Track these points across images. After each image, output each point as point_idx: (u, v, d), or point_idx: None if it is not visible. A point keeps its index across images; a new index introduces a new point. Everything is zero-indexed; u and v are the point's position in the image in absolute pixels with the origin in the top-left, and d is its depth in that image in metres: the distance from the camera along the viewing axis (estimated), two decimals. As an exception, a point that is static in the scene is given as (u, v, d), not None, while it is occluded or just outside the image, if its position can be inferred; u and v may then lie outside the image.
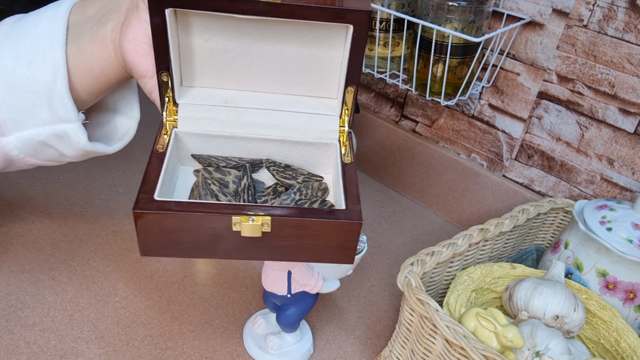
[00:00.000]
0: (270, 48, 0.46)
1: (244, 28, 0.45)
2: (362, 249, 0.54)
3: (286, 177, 0.49)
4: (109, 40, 0.48)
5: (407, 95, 0.90)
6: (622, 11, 0.65)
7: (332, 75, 0.48)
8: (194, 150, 0.50)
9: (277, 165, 0.50)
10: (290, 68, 0.48)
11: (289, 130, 0.49)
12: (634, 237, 0.59)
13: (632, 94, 0.67)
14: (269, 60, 0.47)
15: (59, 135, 0.50)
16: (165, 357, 0.57)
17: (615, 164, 0.71)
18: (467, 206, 0.86)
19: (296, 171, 0.50)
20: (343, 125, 0.49)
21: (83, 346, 0.56)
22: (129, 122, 0.58)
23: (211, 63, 0.47)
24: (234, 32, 0.45)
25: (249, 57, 0.47)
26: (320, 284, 0.54)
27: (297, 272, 0.53)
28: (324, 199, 0.48)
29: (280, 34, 0.45)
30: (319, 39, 0.45)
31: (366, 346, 0.62)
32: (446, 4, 0.67)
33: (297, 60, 0.47)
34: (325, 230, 0.40)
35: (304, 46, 0.46)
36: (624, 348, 0.56)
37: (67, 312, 0.59)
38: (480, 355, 0.45)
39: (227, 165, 0.49)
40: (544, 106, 0.75)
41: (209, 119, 0.48)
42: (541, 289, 0.56)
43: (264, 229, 0.39)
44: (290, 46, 0.46)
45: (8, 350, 0.54)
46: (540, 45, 0.73)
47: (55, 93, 0.47)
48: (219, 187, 0.47)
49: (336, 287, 0.55)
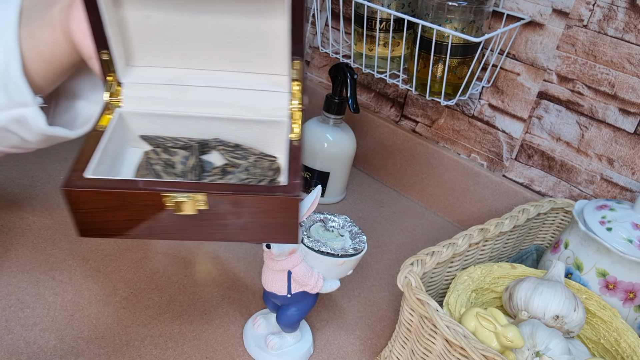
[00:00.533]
0: (213, 23, 0.44)
1: (182, 2, 0.43)
2: (362, 248, 0.54)
3: (236, 157, 0.47)
4: (57, 22, 0.47)
5: (407, 95, 0.90)
6: (622, 11, 0.65)
7: (280, 50, 0.45)
8: (142, 131, 0.48)
9: (226, 145, 0.48)
10: (237, 44, 0.46)
11: (237, 108, 0.47)
12: (634, 237, 0.59)
13: (632, 94, 0.67)
14: (214, 37, 0.45)
15: (17, 120, 0.49)
16: (165, 357, 0.57)
17: (615, 164, 0.71)
18: (467, 206, 0.86)
19: (247, 151, 0.48)
20: (294, 101, 0.47)
21: (83, 346, 0.56)
22: (93, 106, 0.57)
23: (155, 41, 0.46)
24: (174, 7, 0.44)
25: (193, 33, 0.45)
26: (320, 284, 0.54)
27: (297, 272, 0.53)
28: (275, 178, 0.46)
29: (221, 7, 0.43)
30: (261, 10, 0.44)
31: (366, 346, 0.62)
32: (446, 4, 0.67)
33: (243, 35, 0.45)
34: (263, 207, 0.38)
35: (247, 19, 0.44)
36: (624, 348, 0.56)
37: (67, 312, 0.60)
38: (480, 355, 0.45)
39: (175, 145, 0.48)
40: (544, 106, 0.75)
41: (153, 97, 0.46)
42: (541, 289, 0.56)
43: (199, 207, 0.37)
44: (233, 20, 0.44)
45: (8, 350, 0.54)
46: (540, 45, 0.73)
47: (10, 77, 0.47)
48: (163, 166, 0.45)
49: (336, 287, 0.55)
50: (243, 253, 0.73)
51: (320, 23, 0.97)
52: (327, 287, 0.54)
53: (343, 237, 0.56)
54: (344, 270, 0.54)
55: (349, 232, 0.56)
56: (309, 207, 0.51)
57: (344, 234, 0.56)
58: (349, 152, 0.85)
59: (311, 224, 0.56)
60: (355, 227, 0.56)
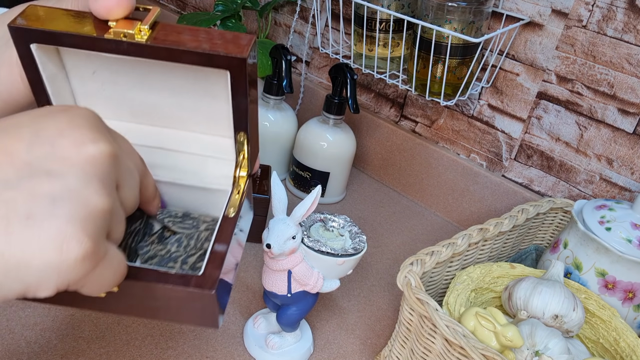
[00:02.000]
0: (161, 84, 0.42)
1: (128, 63, 0.40)
2: (362, 248, 0.54)
3: (186, 227, 0.43)
4: (14, 64, 0.44)
5: (407, 96, 0.90)
6: (621, 11, 0.66)
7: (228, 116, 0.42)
8: None
9: (174, 216, 0.44)
10: (186, 105, 0.43)
11: (180, 173, 0.44)
12: (633, 236, 0.59)
13: (631, 94, 0.67)
14: (163, 96, 0.43)
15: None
16: (166, 356, 0.57)
17: (614, 164, 0.71)
18: (467, 206, 0.86)
19: (197, 219, 0.44)
20: (240, 171, 0.43)
21: (84, 345, 0.56)
22: None
23: (104, 94, 0.43)
24: (119, 66, 0.41)
25: (141, 90, 0.42)
26: (320, 284, 0.54)
27: (298, 271, 0.53)
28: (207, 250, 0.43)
29: (168, 71, 0.41)
30: (205, 78, 0.41)
31: (366, 345, 0.63)
32: (446, 5, 0.67)
33: (192, 97, 0.43)
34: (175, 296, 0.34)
35: (196, 82, 0.42)
36: (623, 347, 0.56)
37: (68, 311, 0.60)
38: (480, 354, 0.45)
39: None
40: (543, 106, 0.75)
41: None
42: (540, 289, 0.56)
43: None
44: (181, 82, 0.42)
45: (9, 350, 0.54)
46: (540, 45, 0.73)
47: None
48: None
49: (336, 286, 0.55)
50: (243, 253, 0.73)
51: (320, 24, 0.97)
52: (327, 286, 0.55)
53: (343, 237, 0.56)
54: (344, 269, 0.54)
55: (348, 231, 0.56)
56: (308, 207, 0.51)
57: (343, 234, 0.56)
58: (349, 152, 0.85)
59: (311, 223, 0.56)
60: (355, 226, 0.57)
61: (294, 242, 0.52)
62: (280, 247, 0.51)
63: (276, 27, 1.08)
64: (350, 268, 0.55)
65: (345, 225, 0.57)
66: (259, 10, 1.01)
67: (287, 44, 1.05)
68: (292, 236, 0.51)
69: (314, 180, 0.85)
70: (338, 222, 0.57)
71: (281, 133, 0.86)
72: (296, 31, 1.03)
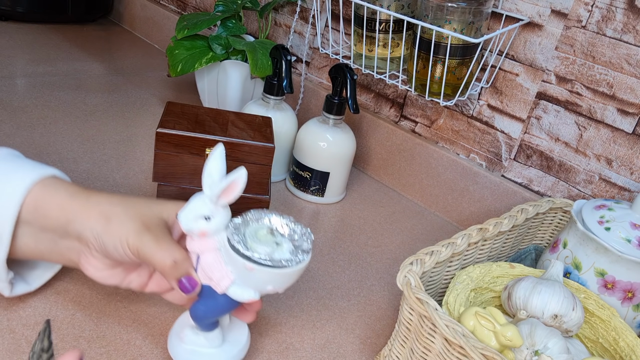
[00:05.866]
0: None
1: None
2: (286, 265, 0.46)
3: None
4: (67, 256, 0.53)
5: (407, 96, 0.91)
6: (620, 12, 0.66)
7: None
8: None
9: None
10: None
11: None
12: (632, 236, 0.59)
13: (630, 94, 0.67)
14: None
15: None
16: (166, 356, 0.57)
17: (613, 164, 0.71)
18: (466, 206, 0.86)
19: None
20: None
21: (85, 345, 0.56)
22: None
23: None
24: None
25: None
26: (225, 284, 0.47)
27: (205, 260, 0.48)
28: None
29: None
30: None
31: (366, 345, 0.63)
32: (445, 5, 0.68)
33: None
34: None
35: None
36: (623, 347, 0.56)
37: (68, 311, 0.60)
38: (479, 354, 0.45)
39: None
40: (542, 106, 0.75)
41: None
42: (540, 289, 0.56)
43: None
44: None
45: (10, 350, 0.55)
46: (539, 46, 0.73)
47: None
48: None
49: (249, 298, 0.48)
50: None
51: (320, 24, 0.97)
52: (236, 292, 0.48)
53: (279, 246, 0.48)
54: (258, 281, 0.47)
55: (295, 246, 0.48)
56: (224, 187, 0.45)
57: (282, 244, 0.48)
58: (349, 152, 0.85)
59: (257, 220, 0.49)
60: (307, 243, 0.49)
61: (207, 225, 0.46)
62: (188, 223, 0.46)
63: (276, 27, 1.08)
64: (269, 283, 0.47)
65: (294, 238, 0.49)
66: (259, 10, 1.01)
67: (287, 44, 1.06)
68: (204, 216, 0.46)
69: (314, 180, 0.85)
70: (290, 231, 0.50)
71: (281, 133, 0.86)
72: (296, 31, 1.04)
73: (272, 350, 0.59)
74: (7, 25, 1.33)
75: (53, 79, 1.10)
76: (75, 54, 1.26)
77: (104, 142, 0.91)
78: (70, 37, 1.35)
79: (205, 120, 0.72)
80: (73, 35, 1.37)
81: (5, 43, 1.23)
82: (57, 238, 0.52)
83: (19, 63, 1.15)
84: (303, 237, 0.49)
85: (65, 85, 1.08)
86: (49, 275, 0.60)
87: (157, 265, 0.48)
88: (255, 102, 0.88)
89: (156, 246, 0.48)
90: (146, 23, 1.42)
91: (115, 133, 0.94)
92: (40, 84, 1.07)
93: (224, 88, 0.99)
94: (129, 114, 1.03)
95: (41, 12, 1.35)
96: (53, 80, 1.10)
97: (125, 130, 0.96)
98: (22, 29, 1.33)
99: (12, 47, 1.22)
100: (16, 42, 1.25)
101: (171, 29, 1.31)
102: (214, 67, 0.99)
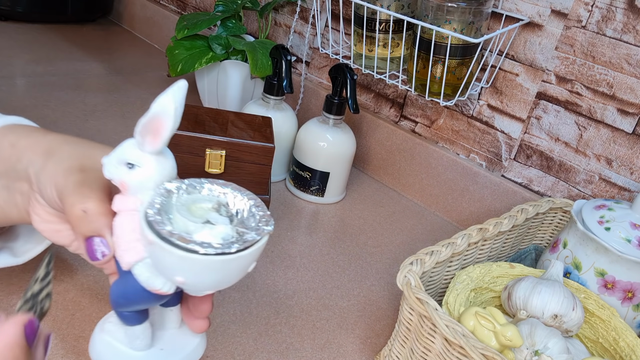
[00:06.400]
0: None
1: None
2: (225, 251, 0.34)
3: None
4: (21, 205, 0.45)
5: (407, 96, 0.91)
6: (620, 12, 0.66)
7: None
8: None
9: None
10: None
11: None
12: (632, 236, 0.59)
13: (630, 94, 0.67)
14: None
15: None
16: (166, 356, 0.57)
17: (613, 164, 0.71)
18: (466, 206, 0.86)
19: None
20: None
21: (84, 345, 0.56)
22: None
23: None
24: None
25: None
26: (128, 259, 0.37)
27: (116, 222, 0.38)
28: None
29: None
30: None
31: (366, 345, 0.63)
32: (445, 5, 0.68)
33: None
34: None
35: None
36: (623, 347, 0.56)
37: (69, 311, 0.60)
38: (479, 354, 0.45)
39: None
40: (542, 106, 0.75)
41: None
42: (540, 288, 0.56)
43: None
44: None
45: (10, 350, 0.55)
46: (539, 46, 0.73)
47: None
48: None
49: (154, 287, 0.38)
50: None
51: (320, 24, 0.97)
52: (142, 275, 0.38)
53: (212, 227, 0.37)
54: (166, 265, 0.36)
55: (238, 232, 0.37)
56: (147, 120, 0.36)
57: (218, 225, 0.37)
58: (349, 152, 0.85)
59: (209, 190, 0.39)
60: (254, 235, 0.36)
61: (127, 175, 0.37)
62: (110, 164, 0.38)
63: (276, 27, 1.08)
64: (177, 271, 0.35)
65: (248, 225, 0.38)
66: (259, 10, 1.01)
67: (287, 44, 1.06)
68: (127, 162, 0.37)
69: (314, 180, 0.85)
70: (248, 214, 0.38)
71: (281, 133, 0.86)
72: (296, 31, 1.04)
73: (272, 350, 0.59)
74: (7, 25, 1.33)
75: (52, 78, 1.10)
76: (75, 53, 1.26)
77: (103, 142, 0.91)
78: (70, 37, 1.35)
79: (205, 120, 0.72)
80: (73, 35, 1.37)
81: (5, 43, 1.23)
82: (10, 183, 0.44)
83: (18, 63, 1.15)
84: (258, 226, 0.37)
85: (64, 85, 1.08)
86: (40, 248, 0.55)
87: (65, 210, 0.39)
88: (255, 102, 0.88)
89: (74, 189, 0.39)
90: (146, 23, 1.42)
91: (115, 133, 0.94)
92: (40, 84, 1.06)
93: (224, 88, 0.99)
94: (129, 113, 1.03)
95: (41, 12, 1.35)
96: (52, 80, 1.10)
97: (125, 130, 0.96)
98: (22, 29, 1.33)
99: (12, 47, 1.22)
100: (16, 42, 1.25)
101: (171, 29, 1.31)
102: (214, 67, 0.99)
